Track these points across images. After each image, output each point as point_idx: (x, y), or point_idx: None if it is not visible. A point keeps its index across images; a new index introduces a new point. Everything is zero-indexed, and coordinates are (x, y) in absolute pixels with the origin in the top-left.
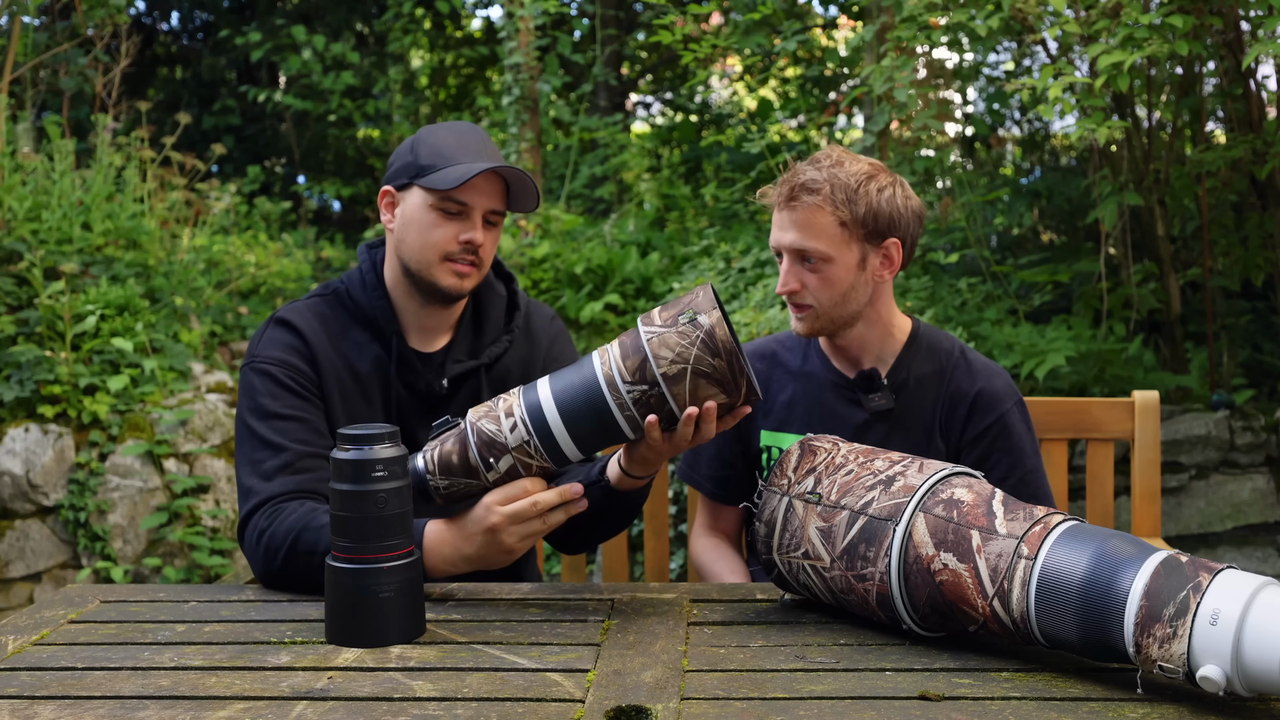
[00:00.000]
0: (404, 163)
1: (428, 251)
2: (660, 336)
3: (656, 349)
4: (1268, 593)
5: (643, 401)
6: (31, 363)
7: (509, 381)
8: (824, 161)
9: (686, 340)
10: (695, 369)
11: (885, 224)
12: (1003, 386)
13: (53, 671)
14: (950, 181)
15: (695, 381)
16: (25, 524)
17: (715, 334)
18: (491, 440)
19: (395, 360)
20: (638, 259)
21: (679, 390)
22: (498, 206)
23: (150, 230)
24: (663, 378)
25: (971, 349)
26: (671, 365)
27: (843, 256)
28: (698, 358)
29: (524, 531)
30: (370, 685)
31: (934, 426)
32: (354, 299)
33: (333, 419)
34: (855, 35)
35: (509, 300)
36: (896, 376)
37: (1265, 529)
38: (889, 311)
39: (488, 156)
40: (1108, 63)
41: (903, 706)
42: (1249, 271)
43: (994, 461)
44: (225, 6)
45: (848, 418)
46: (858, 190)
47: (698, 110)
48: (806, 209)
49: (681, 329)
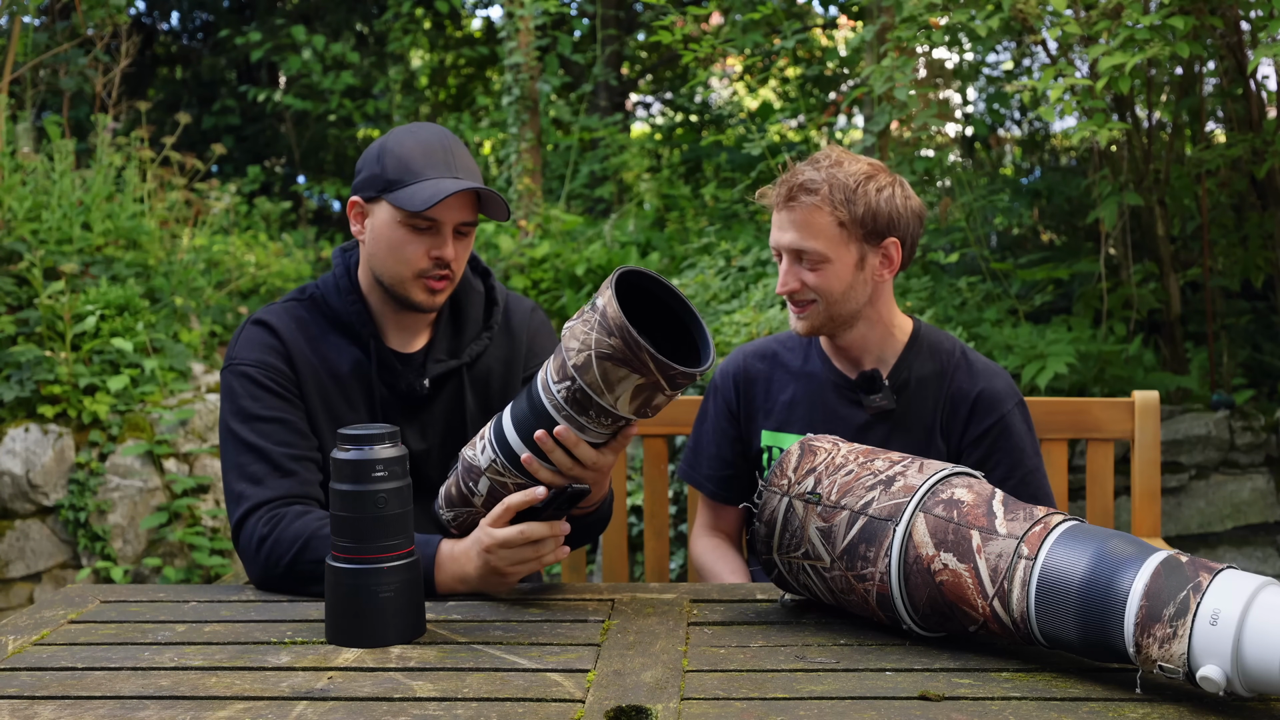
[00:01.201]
0: (371, 174)
1: (400, 268)
2: (571, 329)
3: (567, 341)
4: (1268, 593)
5: (571, 398)
6: (31, 363)
7: (491, 379)
8: (823, 162)
9: (587, 326)
10: (598, 352)
11: (884, 224)
12: (1004, 387)
13: (53, 671)
14: (950, 181)
15: (601, 366)
16: (25, 524)
17: (607, 313)
18: (470, 465)
19: (375, 362)
20: (638, 259)
21: (590, 379)
22: (468, 218)
23: (150, 230)
24: (574, 369)
25: (972, 349)
26: (578, 354)
27: (841, 256)
28: (598, 340)
29: (515, 558)
30: (370, 685)
31: (935, 427)
32: (329, 304)
33: (314, 420)
34: (855, 35)
35: (487, 296)
36: (898, 377)
37: (1265, 529)
38: (889, 311)
39: (455, 168)
40: (1109, 64)
41: (903, 706)
42: (1249, 271)
43: (995, 462)
44: (225, 6)
45: (849, 418)
46: (856, 190)
47: (698, 110)
48: (805, 209)
49: (585, 316)
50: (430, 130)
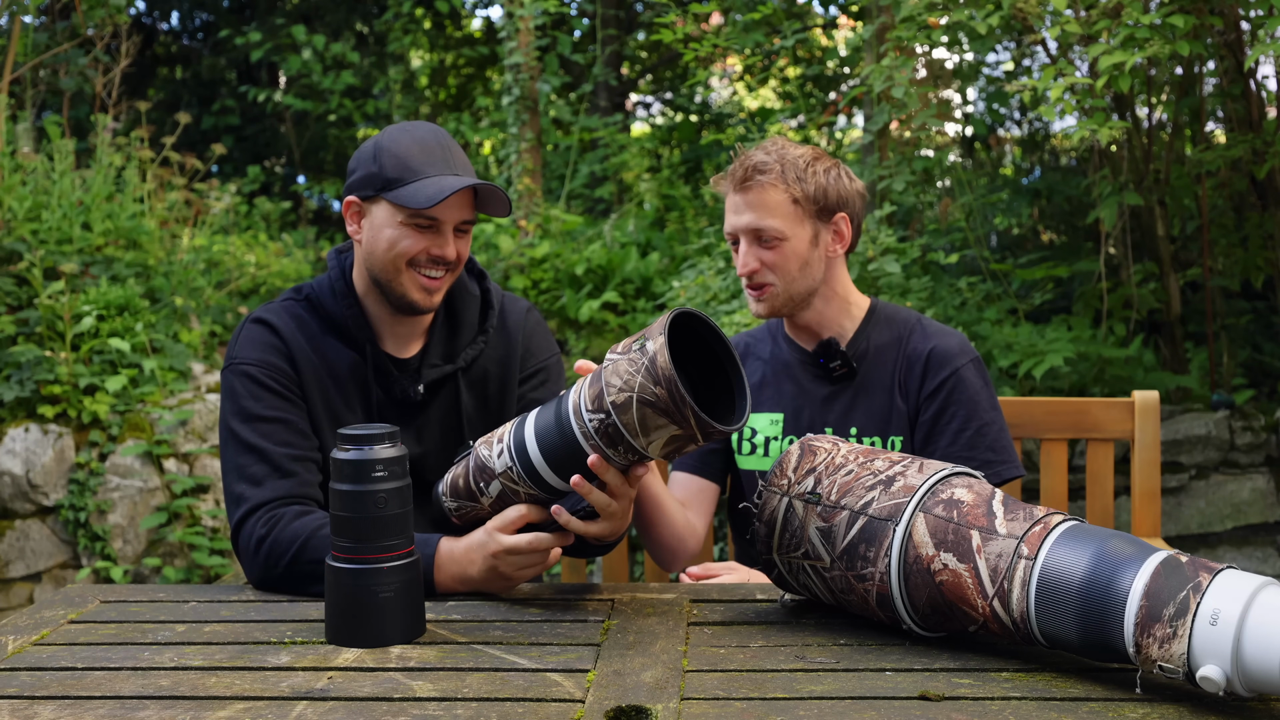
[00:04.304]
0: (368, 173)
1: (397, 260)
2: (615, 364)
3: (609, 376)
4: (1268, 593)
5: (603, 431)
6: (31, 363)
7: (488, 382)
8: (770, 147)
9: (634, 367)
10: (640, 397)
11: (835, 200)
12: (956, 345)
13: (53, 671)
14: (950, 181)
15: (642, 411)
16: (25, 524)
17: (656, 361)
18: (483, 465)
19: (371, 367)
20: (638, 259)
21: (628, 419)
22: (468, 216)
23: (150, 230)
24: (612, 406)
25: (929, 318)
26: (620, 393)
27: (797, 233)
28: (642, 385)
29: (521, 563)
30: (370, 685)
31: (893, 387)
32: (325, 307)
33: (315, 418)
34: (855, 35)
35: (483, 299)
36: (856, 347)
37: (1265, 529)
38: (845, 288)
39: (452, 165)
40: (1109, 63)
41: (903, 706)
42: (1249, 271)
43: (951, 415)
44: (225, 6)
45: (814, 391)
46: (805, 169)
47: (698, 110)
48: (760, 188)
49: (632, 355)
50: (425, 128)
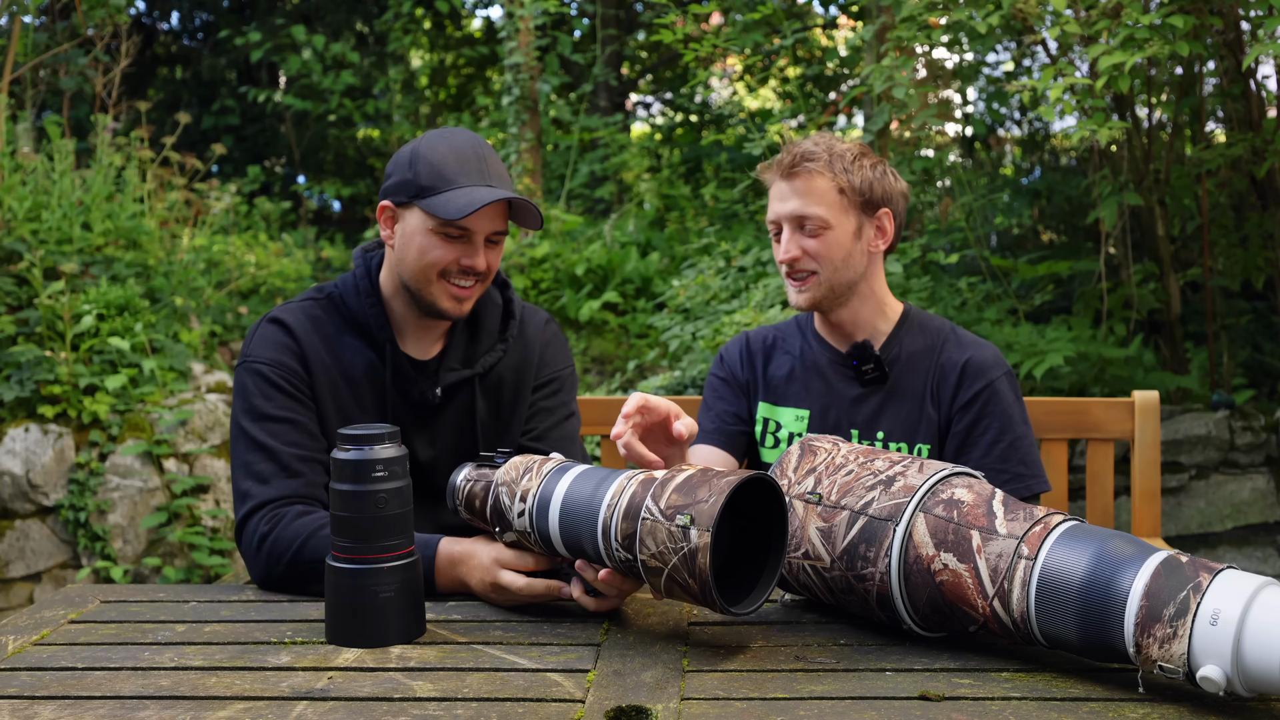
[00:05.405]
0: (403, 179)
1: (428, 270)
2: (656, 522)
3: (646, 534)
4: (1268, 593)
5: (623, 565)
6: (31, 363)
7: (503, 389)
8: (818, 138)
9: (673, 544)
10: (671, 576)
11: (880, 196)
12: (991, 356)
13: (53, 671)
14: (950, 181)
15: (670, 586)
16: (25, 524)
17: (696, 557)
18: (502, 514)
19: (389, 368)
20: (638, 259)
21: (654, 580)
22: (500, 228)
23: (150, 230)
24: (642, 564)
25: (961, 328)
26: (652, 559)
27: (841, 223)
28: (675, 568)
29: (512, 600)
30: (370, 685)
31: (925, 396)
32: (347, 305)
33: (325, 420)
34: (855, 35)
35: (504, 308)
36: (889, 351)
37: (1265, 529)
38: (881, 289)
39: (487, 176)
40: (1109, 63)
41: (903, 706)
42: (1249, 271)
43: (985, 426)
44: (225, 6)
45: (843, 391)
46: (853, 162)
47: (698, 110)
48: (808, 175)
49: (673, 529)
50: (464, 136)
